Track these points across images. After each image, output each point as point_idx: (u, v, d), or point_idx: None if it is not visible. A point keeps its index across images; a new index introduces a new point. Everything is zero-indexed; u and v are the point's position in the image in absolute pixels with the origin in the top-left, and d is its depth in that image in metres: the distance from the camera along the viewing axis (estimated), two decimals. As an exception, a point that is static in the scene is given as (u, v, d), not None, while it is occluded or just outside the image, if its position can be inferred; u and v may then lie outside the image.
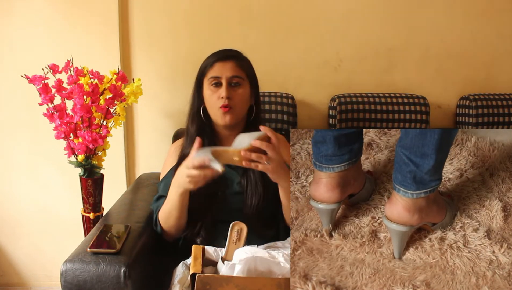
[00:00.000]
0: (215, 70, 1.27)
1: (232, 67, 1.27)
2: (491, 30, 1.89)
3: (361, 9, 1.84)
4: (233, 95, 1.26)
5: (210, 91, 1.28)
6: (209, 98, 1.29)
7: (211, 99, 1.28)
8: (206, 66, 1.30)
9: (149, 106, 1.84)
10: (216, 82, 1.27)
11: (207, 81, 1.29)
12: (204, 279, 0.91)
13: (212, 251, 1.09)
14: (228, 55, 1.29)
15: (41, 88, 1.43)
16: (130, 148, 1.89)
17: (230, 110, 1.26)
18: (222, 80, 1.26)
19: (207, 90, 1.29)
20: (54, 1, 1.76)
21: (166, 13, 1.80)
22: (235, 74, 1.27)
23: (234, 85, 1.27)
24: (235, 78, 1.27)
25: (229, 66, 1.27)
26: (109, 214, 1.36)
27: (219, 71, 1.27)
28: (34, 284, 1.99)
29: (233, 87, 1.27)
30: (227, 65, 1.27)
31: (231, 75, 1.26)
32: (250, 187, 1.26)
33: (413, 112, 1.76)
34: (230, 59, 1.28)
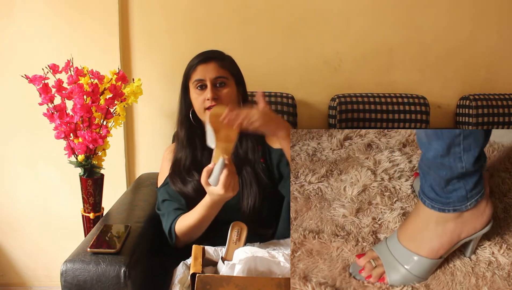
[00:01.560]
0: (198, 73, 1.28)
1: (215, 68, 1.28)
2: (491, 30, 1.89)
3: (361, 9, 1.84)
4: (219, 95, 1.27)
5: (196, 94, 1.29)
6: (195, 101, 1.30)
7: (197, 102, 1.29)
8: (189, 69, 1.30)
9: (149, 106, 1.84)
10: (200, 84, 1.28)
11: (192, 85, 1.30)
12: (204, 279, 0.91)
13: (212, 251, 1.09)
14: (209, 56, 1.30)
15: (41, 88, 1.43)
16: (130, 148, 1.89)
17: None
18: (206, 82, 1.27)
19: (193, 93, 1.30)
20: (54, 2, 1.76)
21: (166, 13, 1.80)
22: (218, 74, 1.28)
23: (219, 86, 1.28)
24: (219, 79, 1.28)
25: (211, 67, 1.28)
26: (109, 214, 1.36)
27: (202, 73, 1.28)
28: (35, 284, 1.99)
29: (218, 87, 1.28)
30: (209, 66, 1.28)
31: (214, 76, 1.27)
32: (245, 187, 1.27)
33: (413, 112, 1.76)
34: (212, 60, 1.29)
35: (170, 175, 1.32)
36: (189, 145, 1.33)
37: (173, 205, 1.27)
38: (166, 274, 1.18)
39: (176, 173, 1.31)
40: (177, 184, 1.28)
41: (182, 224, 1.21)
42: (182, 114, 1.35)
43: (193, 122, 1.34)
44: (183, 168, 1.31)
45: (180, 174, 1.30)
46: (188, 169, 1.30)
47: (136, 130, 1.87)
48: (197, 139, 1.33)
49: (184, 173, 1.30)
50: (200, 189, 1.21)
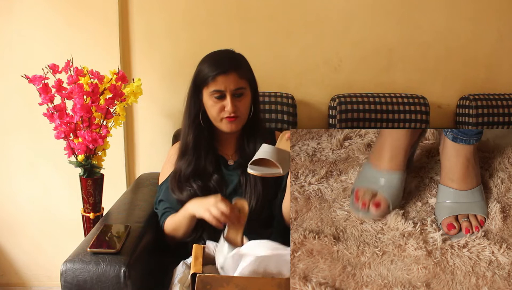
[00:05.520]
0: (218, 84, 1.25)
1: (235, 80, 1.25)
2: (491, 30, 1.89)
3: (361, 9, 1.84)
4: (237, 105, 1.26)
5: (213, 102, 1.27)
6: (211, 109, 1.28)
7: (213, 110, 1.28)
8: (208, 77, 1.26)
9: (149, 106, 1.84)
10: (219, 95, 1.26)
11: (208, 92, 1.27)
12: (205, 279, 0.91)
13: (213, 247, 1.10)
14: (231, 68, 1.26)
15: (41, 88, 1.43)
16: (130, 148, 1.89)
17: (236, 119, 1.27)
18: (226, 92, 1.25)
19: (208, 100, 1.28)
20: (54, 1, 1.76)
21: (166, 13, 1.80)
22: (238, 86, 1.26)
23: (238, 96, 1.27)
24: (238, 90, 1.26)
25: (232, 79, 1.25)
26: (109, 214, 1.36)
27: (222, 84, 1.25)
28: (34, 284, 1.99)
29: (236, 98, 1.27)
30: (229, 78, 1.25)
31: (234, 88, 1.25)
32: (249, 187, 1.27)
33: (413, 112, 1.76)
34: (233, 71, 1.25)
35: (170, 181, 1.32)
36: (194, 151, 1.31)
37: (166, 205, 1.31)
38: (166, 274, 1.19)
39: (175, 181, 1.30)
40: (175, 192, 1.29)
41: (168, 224, 1.27)
42: (191, 117, 1.32)
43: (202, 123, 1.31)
44: (182, 177, 1.30)
45: (179, 182, 1.30)
46: (187, 178, 1.29)
47: (136, 130, 1.87)
48: (203, 143, 1.32)
49: (183, 182, 1.29)
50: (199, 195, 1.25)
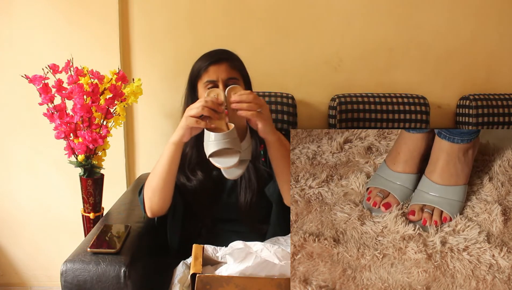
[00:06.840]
0: (210, 74, 1.27)
1: (227, 69, 1.27)
2: (491, 30, 1.89)
3: (361, 9, 1.83)
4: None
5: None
6: None
7: None
8: (200, 69, 1.29)
9: (149, 106, 1.84)
10: (212, 85, 1.27)
11: (202, 84, 1.29)
12: (205, 279, 0.92)
13: (211, 250, 1.10)
14: (222, 58, 1.29)
15: (41, 88, 1.43)
16: (130, 148, 1.89)
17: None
18: (218, 82, 1.27)
19: (203, 93, 1.29)
20: (54, 1, 1.75)
21: (166, 13, 1.79)
22: (230, 76, 1.27)
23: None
24: (231, 80, 1.27)
25: (223, 68, 1.27)
26: (109, 214, 1.36)
27: (214, 74, 1.27)
28: (34, 284, 1.99)
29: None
30: (221, 67, 1.27)
31: (226, 77, 1.27)
32: (244, 182, 1.27)
33: (413, 112, 1.76)
34: (224, 61, 1.28)
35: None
36: (197, 144, 1.31)
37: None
38: (166, 274, 1.19)
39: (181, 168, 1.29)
40: (180, 179, 1.29)
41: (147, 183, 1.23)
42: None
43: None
44: (188, 166, 1.31)
45: (184, 170, 1.30)
46: (193, 168, 1.30)
47: (136, 130, 1.87)
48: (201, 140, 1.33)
49: (188, 171, 1.30)
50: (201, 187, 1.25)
